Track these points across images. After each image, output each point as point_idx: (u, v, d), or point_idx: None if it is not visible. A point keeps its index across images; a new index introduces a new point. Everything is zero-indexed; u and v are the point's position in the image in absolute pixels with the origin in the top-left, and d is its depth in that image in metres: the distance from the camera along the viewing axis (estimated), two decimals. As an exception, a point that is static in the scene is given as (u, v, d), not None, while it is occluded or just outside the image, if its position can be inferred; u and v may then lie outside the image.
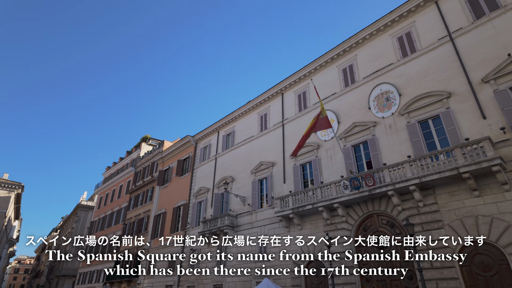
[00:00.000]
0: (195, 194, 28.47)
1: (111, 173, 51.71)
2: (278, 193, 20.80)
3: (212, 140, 30.08)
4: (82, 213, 56.92)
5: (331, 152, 19.05)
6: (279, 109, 24.09)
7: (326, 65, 21.70)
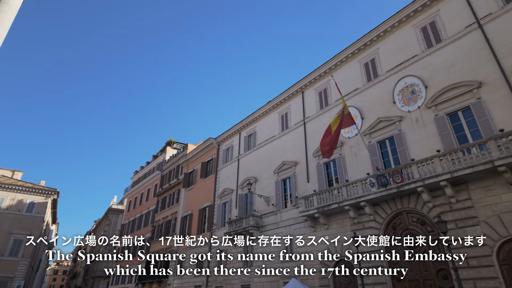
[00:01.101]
0: (219, 195, 28.83)
1: (139, 177, 53.41)
2: (302, 193, 20.64)
3: (234, 141, 30.33)
4: (113, 217, 59.19)
5: (355, 149, 18.65)
6: (300, 108, 23.89)
7: (347, 61, 21.27)
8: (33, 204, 42.69)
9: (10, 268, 38.52)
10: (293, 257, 19.32)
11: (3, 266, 38.14)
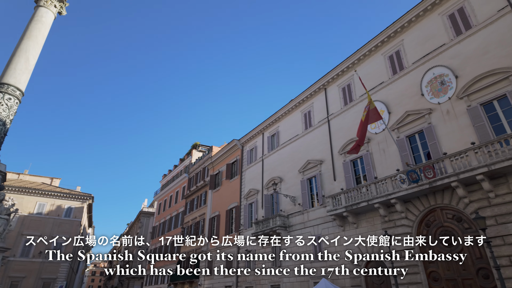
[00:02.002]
0: (245, 196, 29.02)
1: (167, 180, 54.92)
2: (329, 191, 20.32)
3: (257, 142, 30.41)
4: (145, 219, 61.23)
5: (383, 145, 18.10)
6: (323, 105, 23.54)
7: (370, 54, 20.70)
8: (71, 209, 45.09)
9: (53, 269, 40.93)
10: (323, 257, 19.08)
11: (47, 268, 40.58)
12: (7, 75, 15.30)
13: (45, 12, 17.51)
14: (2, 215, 12.80)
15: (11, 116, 14.98)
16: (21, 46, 16.22)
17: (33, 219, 41.88)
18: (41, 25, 17.14)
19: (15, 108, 15.18)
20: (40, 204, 43.11)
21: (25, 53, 16.11)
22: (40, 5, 17.52)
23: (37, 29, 16.93)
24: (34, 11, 17.43)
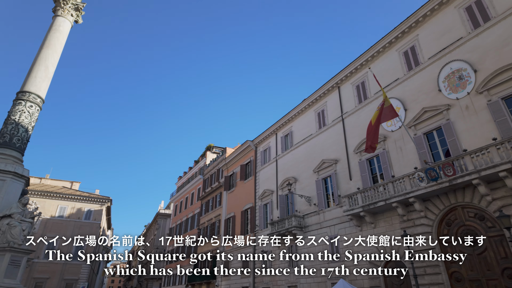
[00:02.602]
0: (260, 196, 29.03)
1: (183, 182, 55.59)
2: (345, 191, 20.07)
3: (271, 142, 30.37)
4: (162, 221, 62.17)
5: (400, 142, 17.75)
6: (337, 104, 23.29)
7: (384, 51, 20.34)
8: (90, 212, 46.27)
9: (74, 271, 42.09)
10: (340, 257, 18.87)
11: (69, 269, 41.77)
12: (28, 83, 15.86)
13: (63, 21, 18.06)
14: (27, 218, 13.25)
15: (33, 123, 15.51)
16: (41, 54, 16.79)
17: (55, 222, 43.19)
18: (59, 34, 17.70)
19: (36, 115, 15.72)
20: (61, 207, 44.43)
21: (44, 62, 16.65)
22: (58, 15, 18.07)
23: (55, 38, 17.49)
24: (52, 21, 18.00)
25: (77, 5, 18.58)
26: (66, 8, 18.12)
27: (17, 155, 14.45)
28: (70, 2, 18.25)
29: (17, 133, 14.60)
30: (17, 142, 14.58)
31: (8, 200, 13.24)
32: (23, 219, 13.01)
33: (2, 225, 12.47)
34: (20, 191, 14.05)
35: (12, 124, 14.63)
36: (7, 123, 14.68)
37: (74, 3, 18.45)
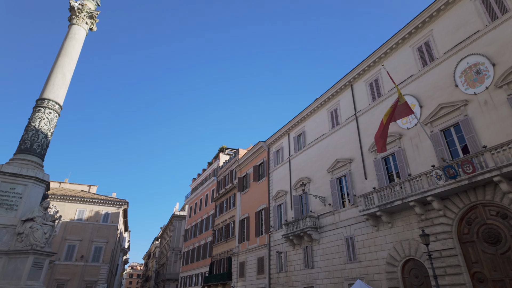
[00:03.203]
0: (273, 197, 28.96)
1: (197, 184, 56.07)
2: (360, 191, 19.79)
3: (283, 143, 30.28)
4: (177, 222, 62.85)
5: (416, 140, 17.37)
6: (350, 102, 23.01)
7: (398, 47, 19.98)
8: (108, 215, 47.27)
9: (94, 272, 43.08)
10: (357, 257, 18.62)
11: (88, 270, 42.78)
12: (46, 90, 16.36)
13: (78, 29, 18.55)
14: (48, 221, 13.66)
15: (52, 129, 15.99)
16: (58, 62, 17.30)
17: (74, 224, 44.34)
18: (75, 42, 18.21)
19: (55, 121, 16.19)
20: (80, 211, 45.57)
21: (61, 69, 17.15)
22: (73, 23, 18.58)
23: (71, 46, 18.00)
24: (68, 29, 18.52)
25: (91, 13, 19.06)
26: (81, 16, 18.61)
27: (37, 161, 14.93)
28: (85, 10, 18.74)
29: (37, 139, 15.09)
30: (38, 148, 15.07)
31: (30, 204, 13.70)
32: (44, 222, 13.42)
33: (25, 229, 12.90)
34: (41, 195, 14.51)
35: (33, 130, 15.12)
36: (28, 130, 15.20)
37: (89, 12, 18.94)
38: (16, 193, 13.53)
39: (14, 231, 12.91)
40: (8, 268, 12.13)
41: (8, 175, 13.52)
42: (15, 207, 13.32)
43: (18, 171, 13.70)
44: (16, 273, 11.99)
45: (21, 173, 13.73)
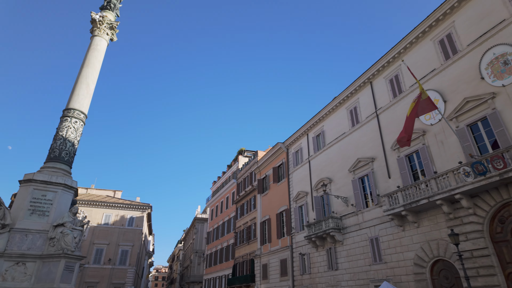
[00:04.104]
0: (294, 198, 28.77)
1: (217, 186, 56.64)
2: (384, 190, 19.31)
3: (302, 143, 30.05)
4: (199, 225, 63.67)
5: (441, 136, 16.77)
6: (370, 100, 22.55)
7: (418, 41, 19.41)
8: (133, 219, 48.58)
9: (121, 275, 44.35)
10: (382, 258, 18.17)
11: (116, 273, 44.09)
12: (72, 100, 17.06)
13: (99, 40, 19.24)
14: (77, 226, 14.20)
15: (78, 137, 16.65)
16: (82, 73, 18.01)
17: (101, 229, 45.86)
18: (97, 52, 18.89)
19: (81, 130, 16.86)
20: (106, 215, 47.10)
21: (85, 80, 17.84)
22: (95, 35, 19.29)
23: (94, 56, 18.69)
24: (90, 41, 19.26)
25: (111, 24, 19.73)
26: (102, 28, 19.30)
27: (66, 168, 15.59)
28: (105, 22, 19.43)
29: (65, 148, 15.75)
30: (65, 156, 15.73)
31: (60, 210, 14.30)
32: (74, 227, 13.96)
33: (56, 234, 13.47)
34: (70, 201, 15.12)
35: (60, 139, 15.81)
36: (56, 139, 15.90)
37: (109, 23, 19.61)
38: (47, 200, 14.17)
39: (47, 236, 13.50)
40: (42, 271, 12.70)
41: (39, 182, 14.18)
42: (46, 213, 13.95)
43: (48, 179, 14.35)
44: (49, 276, 12.53)
45: (51, 181, 14.36)
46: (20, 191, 14.21)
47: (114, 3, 20.74)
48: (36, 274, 12.60)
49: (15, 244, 12.93)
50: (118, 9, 21.06)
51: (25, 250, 12.96)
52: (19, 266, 12.57)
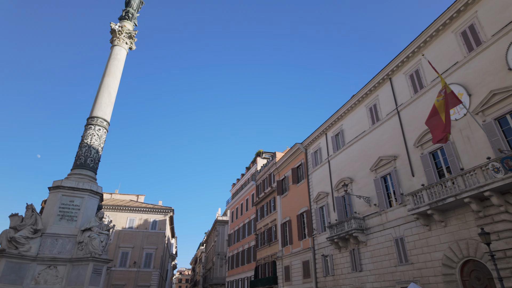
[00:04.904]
0: (314, 199, 28.46)
1: (237, 189, 56.95)
2: (408, 189, 18.76)
3: (321, 143, 29.72)
4: (220, 228, 64.19)
5: (466, 131, 16.12)
6: (390, 96, 22.01)
7: (438, 34, 18.79)
8: (156, 222, 49.62)
9: (146, 278, 45.35)
10: (408, 259, 17.64)
11: (141, 276, 45.14)
12: (95, 109, 17.69)
13: (119, 50, 19.86)
14: (103, 230, 14.68)
15: (102, 144, 17.22)
16: (103, 82, 18.64)
17: (126, 232, 47.12)
18: (117, 62, 19.51)
19: (104, 137, 17.43)
20: (130, 219, 48.36)
21: (107, 88, 18.45)
22: (115, 44, 19.93)
23: (114, 65, 19.31)
24: (111, 50, 19.90)
25: (130, 33, 20.33)
26: (121, 37, 19.92)
27: (91, 174, 16.16)
28: (124, 31, 20.04)
29: (90, 155, 16.34)
30: (91, 162, 16.31)
31: (87, 215, 14.83)
32: (100, 231, 14.44)
33: (84, 238, 13.98)
34: (96, 206, 15.66)
35: (85, 147, 16.41)
36: (81, 146, 16.52)
37: (127, 32, 20.21)
38: (75, 205, 14.74)
39: (75, 240, 14.04)
40: (72, 274, 13.21)
41: (67, 189, 14.78)
42: (74, 218, 14.51)
43: (75, 185, 14.93)
44: (79, 279, 13.01)
45: (78, 187, 14.94)
46: (49, 197, 14.86)
47: (132, 13, 21.36)
48: (67, 277, 13.11)
49: (47, 248, 13.52)
50: (136, 19, 21.68)
51: (56, 254, 13.52)
52: (50, 269, 13.13)
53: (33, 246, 13.20)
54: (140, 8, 22.36)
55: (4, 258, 12.33)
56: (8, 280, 12.12)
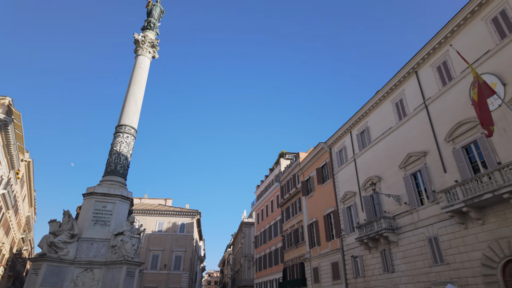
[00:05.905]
0: (341, 199, 27.89)
1: (261, 190, 56.99)
2: (440, 185, 17.95)
3: (345, 142, 29.12)
4: (246, 230, 64.48)
5: (502, 123, 15.21)
6: (417, 90, 21.21)
7: (466, 23, 17.90)
8: (184, 225, 50.67)
9: (176, 280, 46.38)
10: (444, 259, 16.85)
11: (172, 278, 46.22)
12: (123, 117, 18.36)
13: (143, 59, 20.52)
14: (135, 234, 15.18)
15: (130, 151, 17.84)
16: (130, 91, 19.32)
17: (156, 236, 48.46)
18: (142, 71, 20.17)
19: (132, 144, 18.04)
20: (159, 223, 49.71)
21: (133, 97, 19.11)
22: (139, 54, 20.62)
23: (139, 74, 19.98)
24: (135, 60, 20.61)
25: (152, 42, 20.96)
26: (144, 47, 20.59)
27: (121, 180, 16.78)
28: (147, 41, 20.69)
29: (119, 161, 16.98)
30: (120, 169, 16.94)
31: (119, 220, 15.40)
32: (132, 235, 14.94)
33: (117, 242, 14.52)
34: (127, 211, 16.23)
35: (115, 154, 17.07)
36: (111, 154, 17.20)
37: (150, 41, 20.85)
38: (107, 211, 15.36)
39: (109, 244, 14.61)
40: (107, 277, 13.75)
41: (100, 195, 15.43)
42: (107, 223, 15.11)
43: (107, 191, 15.56)
44: (114, 282, 13.51)
45: (109, 193, 15.56)
46: (84, 203, 15.59)
47: (154, 22, 22.02)
48: (103, 280, 13.67)
49: (83, 252, 14.17)
50: (158, 28, 22.33)
51: (92, 257, 14.14)
52: (87, 272, 13.74)
53: (71, 250, 13.88)
54: (161, 17, 23.00)
55: (46, 262, 13.06)
56: (49, 283, 12.81)
